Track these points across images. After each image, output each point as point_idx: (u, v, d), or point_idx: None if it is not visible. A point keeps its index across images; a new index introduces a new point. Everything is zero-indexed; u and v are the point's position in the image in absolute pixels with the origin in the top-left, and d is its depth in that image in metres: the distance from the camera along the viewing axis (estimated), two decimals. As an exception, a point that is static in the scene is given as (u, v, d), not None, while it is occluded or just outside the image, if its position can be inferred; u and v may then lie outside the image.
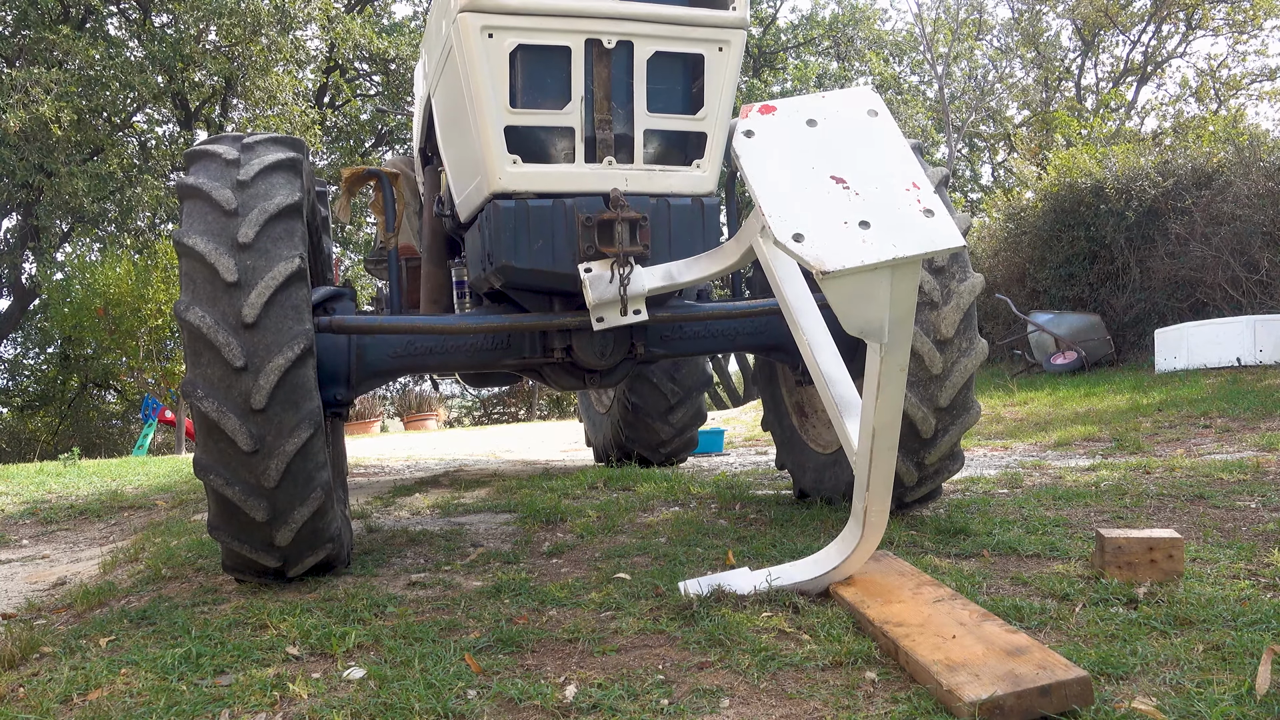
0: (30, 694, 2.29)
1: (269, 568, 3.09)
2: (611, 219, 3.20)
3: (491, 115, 3.15)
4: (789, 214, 2.18)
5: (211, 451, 2.88)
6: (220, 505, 2.94)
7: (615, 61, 3.19)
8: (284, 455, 2.86)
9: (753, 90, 25.69)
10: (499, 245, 3.25)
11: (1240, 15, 23.10)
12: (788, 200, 2.21)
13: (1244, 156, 11.74)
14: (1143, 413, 7.31)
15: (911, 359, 3.12)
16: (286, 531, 2.96)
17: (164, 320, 14.09)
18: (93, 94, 16.19)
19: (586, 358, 3.63)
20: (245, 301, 2.83)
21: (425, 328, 3.57)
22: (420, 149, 4.63)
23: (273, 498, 2.90)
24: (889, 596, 2.52)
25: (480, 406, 22.95)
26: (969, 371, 3.45)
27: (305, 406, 2.90)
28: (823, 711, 1.97)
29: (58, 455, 9.63)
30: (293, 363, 2.86)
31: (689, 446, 6.06)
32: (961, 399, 3.51)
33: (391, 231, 3.90)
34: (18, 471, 7.97)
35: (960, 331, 3.45)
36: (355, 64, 22.31)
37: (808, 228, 2.15)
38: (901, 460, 3.42)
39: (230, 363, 2.81)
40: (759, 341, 3.98)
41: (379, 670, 2.27)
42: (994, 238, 15.17)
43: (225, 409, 2.82)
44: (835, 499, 4.05)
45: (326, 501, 3.01)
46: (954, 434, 3.53)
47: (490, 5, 3.04)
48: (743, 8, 3.28)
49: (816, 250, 2.10)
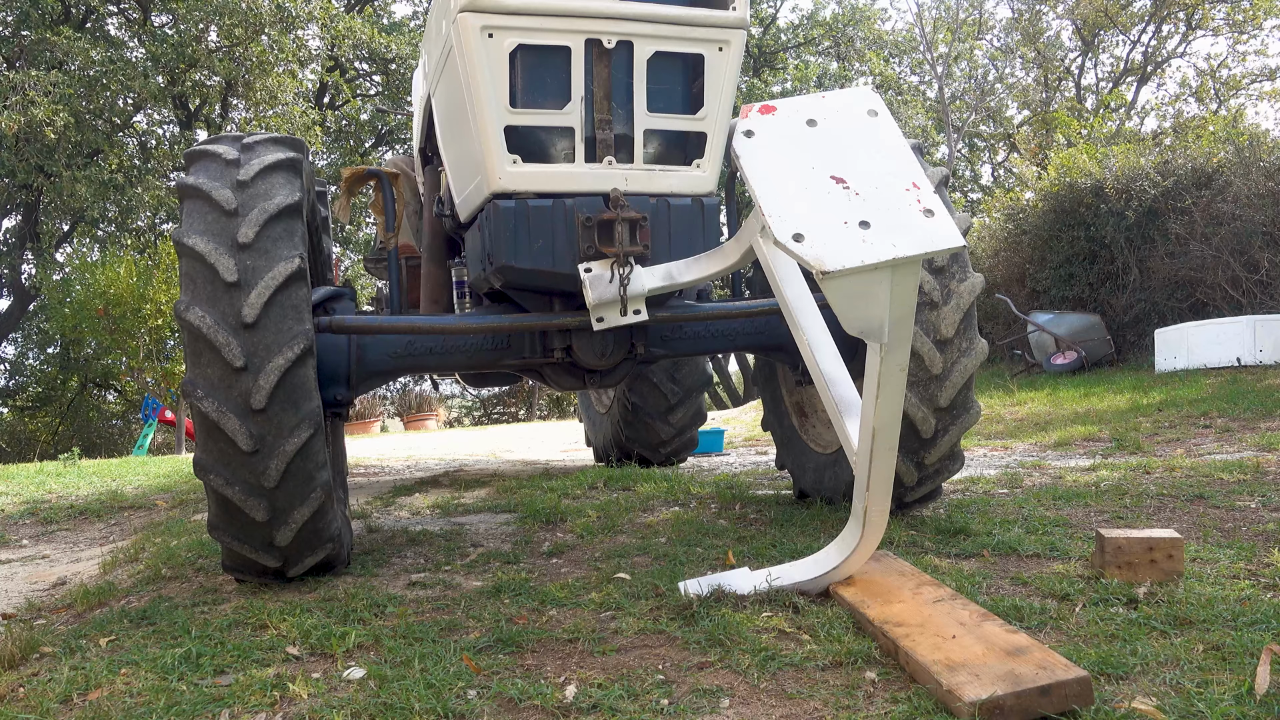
0: (30, 694, 2.29)
1: (269, 568, 3.09)
2: (611, 219, 3.20)
3: (491, 115, 3.14)
4: (789, 214, 2.18)
5: (211, 451, 2.87)
6: (220, 505, 2.94)
7: (615, 61, 3.18)
8: (284, 455, 2.85)
9: (753, 90, 25.69)
10: (499, 245, 3.24)
11: (1240, 15, 23.10)
12: (788, 200, 2.21)
13: (1244, 156, 11.74)
14: (1143, 413, 7.31)
15: (911, 359, 3.15)
16: (286, 531, 2.96)
17: (164, 320, 14.09)
18: (93, 95, 16.19)
19: (586, 358, 3.62)
20: (245, 301, 2.82)
21: (425, 328, 3.56)
22: (420, 149, 4.63)
23: (273, 498, 2.90)
24: (889, 596, 2.52)
25: (480, 406, 22.96)
26: (969, 371, 3.45)
27: (305, 407, 2.90)
28: (823, 711, 1.97)
29: (58, 455, 9.63)
30: (292, 363, 2.85)
31: (689, 446, 6.05)
32: (961, 399, 3.50)
33: (391, 231, 3.89)
34: (18, 471, 7.97)
35: (960, 331, 3.45)
36: (355, 64, 22.31)
37: (808, 228, 2.14)
38: (901, 460, 3.42)
39: (230, 363, 2.80)
40: (759, 342, 3.98)
41: (379, 670, 2.27)
42: (994, 238, 15.17)
43: (225, 409, 2.82)
44: (835, 499, 4.04)
45: (326, 502, 3.01)
46: (954, 434, 3.53)
47: (490, 5, 3.03)
48: (743, 8, 3.27)
49: (817, 250, 2.10)
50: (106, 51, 16.47)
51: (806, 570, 2.73)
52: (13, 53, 17.01)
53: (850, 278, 2.11)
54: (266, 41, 17.05)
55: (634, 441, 5.88)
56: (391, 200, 3.88)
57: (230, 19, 16.32)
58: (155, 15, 19.07)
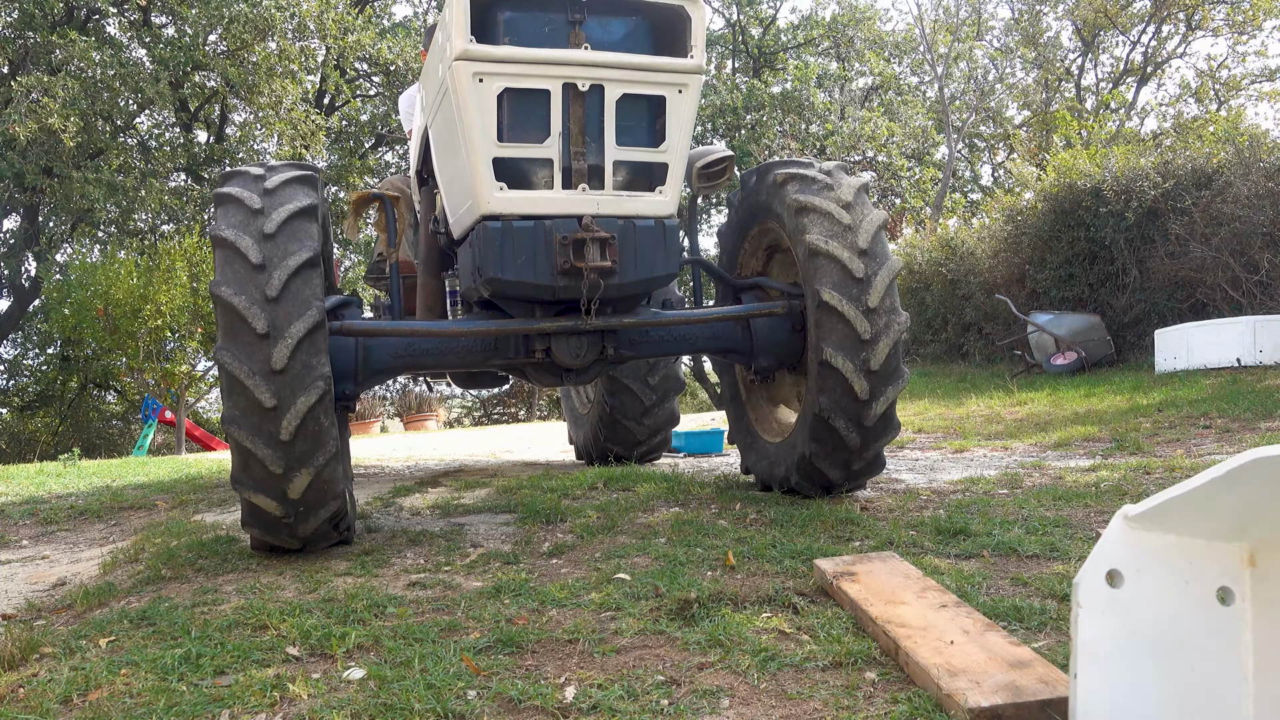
0: (30, 694, 2.29)
1: (282, 520, 3.43)
2: (584, 238, 3.65)
3: (481, 148, 3.56)
4: None
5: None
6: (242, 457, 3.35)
7: (589, 102, 3.62)
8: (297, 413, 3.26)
9: (753, 90, 25.68)
10: (487, 260, 3.68)
11: (1240, 16, 23.11)
12: None
13: (1244, 157, 11.74)
14: (1143, 413, 7.31)
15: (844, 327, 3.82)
16: (299, 482, 3.33)
17: (164, 320, 14.10)
18: (97, 97, 16.18)
19: (563, 358, 4.07)
20: (270, 279, 3.29)
21: (424, 331, 4.08)
22: (417, 171, 5.05)
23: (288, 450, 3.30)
24: (892, 597, 2.51)
25: (480, 407, 22.96)
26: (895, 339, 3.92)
27: (319, 369, 3.33)
28: (823, 711, 1.97)
29: (58, 455, 9.63)
30: (307, 332, 3.28)
31: (663, 447, 6.40)
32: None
33: (394, 247, 4.40)
34: (18, 471, 7.97)
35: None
36: (355, 64, 22.29)
37: None
38: (844, 423, 3.91)
39: (256, 330, 3.24)
40: (714, 345, 4.49)
41: (379, 670, 2.27)
42: (994, 238, 15.17)
43: (251, 371, 3.24)
44: (771, 483, 4.50)
45: (335, 458, 3.38)
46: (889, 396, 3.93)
47: (481, 54, 3.45)
48: (699, 55, 3.70)
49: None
50: (109, 54, 16.46)
51: None
52: (17, 55, 17.00)
53: None
54: (273, 47, 17.06)
55: (611, 441, 6.20)
56: (393, 220, 4.43)
57: (239, 25, 16.33)
58: (155, 16, 19.05)
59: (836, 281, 3.85)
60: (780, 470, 4.38)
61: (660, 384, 6.00)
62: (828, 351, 3.81)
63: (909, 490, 4.60)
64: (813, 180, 4.09)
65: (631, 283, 3.80)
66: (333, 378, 3.41)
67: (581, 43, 3.56)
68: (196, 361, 15.36)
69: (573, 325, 3.92)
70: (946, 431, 7.45)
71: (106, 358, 16.50)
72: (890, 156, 26.33)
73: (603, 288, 3.71)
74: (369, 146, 23.74)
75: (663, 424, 6.17)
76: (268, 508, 3.38)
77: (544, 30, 3.56)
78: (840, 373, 3.81)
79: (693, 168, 4.38)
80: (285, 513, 3.40)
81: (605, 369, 4.50)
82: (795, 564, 3.09)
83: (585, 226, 3.65)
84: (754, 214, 4.47)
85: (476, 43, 3.44)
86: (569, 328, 3.94)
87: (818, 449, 4.01)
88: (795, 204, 4.00)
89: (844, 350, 3.81)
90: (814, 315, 3.91)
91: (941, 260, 16.26)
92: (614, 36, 3.67)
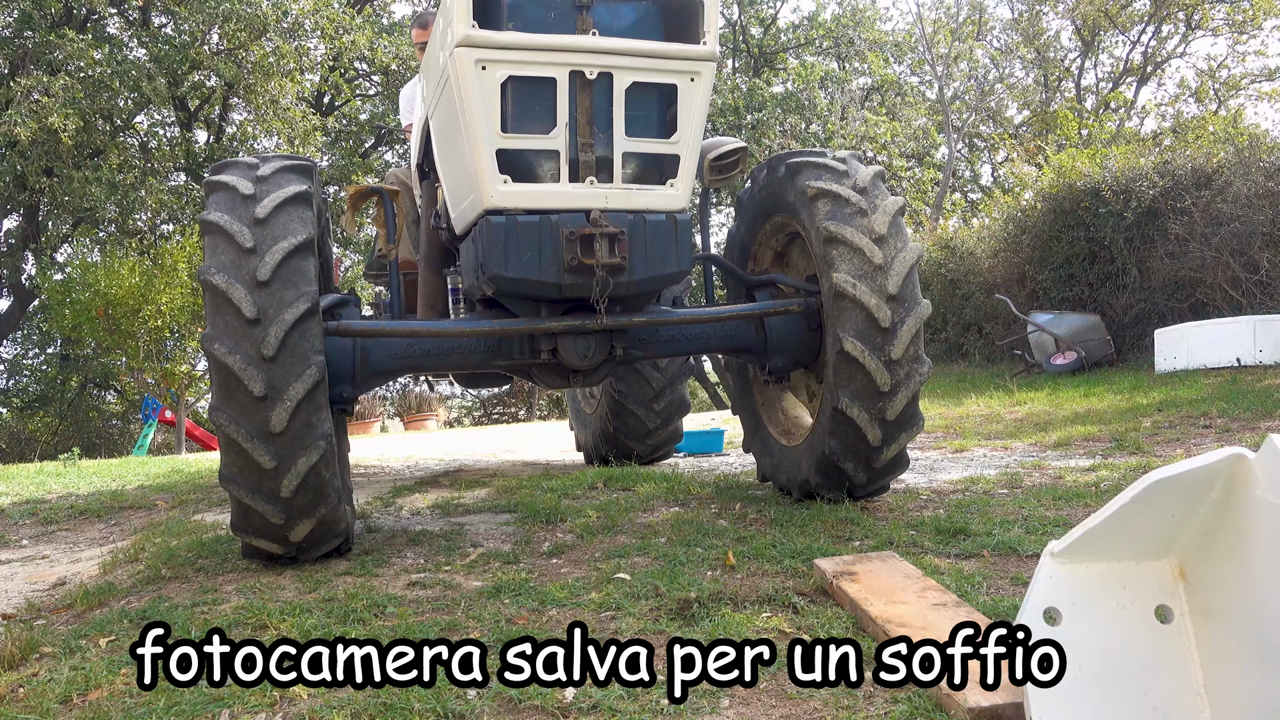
0: (30, 694, 2.29)
1: (275, 524, 3.29)
2: (592, 234, 3.49)
3: (484, 139, 3.41)
4: None
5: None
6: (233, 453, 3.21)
7: (597, 91, 3.46)
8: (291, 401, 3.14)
9: (753, 90, 25.68)
10: (490, 257, 3.52)
11: (1240, 15, 23.11)
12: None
13: (1244, 157, 11.73)
14: (1142, 413, 7.31)
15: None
16: (292, 478, 3.20)
17: (164, 320, 14.09)
18: (96, 96, 16.17)
19: (570, 359, 3.90)
20: (261, 263, 3.16)
21: (424, 331, 3.87)
22: (418, 165, 4.89)
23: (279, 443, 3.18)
24: (893, 597, 2.52)
25: (480, 407, 22.94)
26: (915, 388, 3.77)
27: (312, 357, 3.20)
28: (823, 711, 1.97)
29: (58, 455, 9.62)
30: (298, 316, 3.16)
31: (674, 439, 6.15)
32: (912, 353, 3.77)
33: (393, 243, 4.21)
34: (18, 471, 7.97)
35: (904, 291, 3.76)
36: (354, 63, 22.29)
37: None
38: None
39: (245, 315, 3.10)
40: (728, 344, 4.31)
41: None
42: (994, 238, 15.17)
43: (243, 359, 3.10)
44: (791, 488, 4.29)
45: (328, 452, 3.25)
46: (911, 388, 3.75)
47: (483, 40, 3.30)
48: (713, 42, 3.54)
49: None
50: (108, 53, 16.45)
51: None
52: (16, 55, 16.99)
53: None
54: (270, 47, 17.04)
55: (621, 431, 5.99)
56: (392, 215, 4.21)
57: (234, 24, 16.31)
58: (155, 16, 19.05)
59: (854, 269, 3.68)
60: (800, 474, 4.19)
61: (669, 367, 5.82)
62: (847, 341, 3.63)
63: (909, 490, 4.59)
64: (827, 168, 3.93)
65: (642, 280, 3.64)
66: (326, 363, 3.30)
67: (589, 28, 3.39)
68: (197, 361, 15.34)
69: (580, 325, 3.76)
70: (946, 431, 7.45)
71: (106, 357, 16.51)
72: (890, 157, 26.35)
73: (612, 285, 3.55)
74: (369, 145, 23.73)
75: (673, 410, 5.92)
76: (263, 510, 3.28)
77: (549, 15, 3.39)
78: (860, 363, 3.63)
79: (704, 160, 4.19)
80: (280, 517, 3.30)
81: (613, 370, 4.31)
82: (795, 564, 3.09)
83: (593, 221, 3.49)
84: (766, 208, 4.29)
85: (479, 28, 3.28)
86: (576, 327, 3.77)
87: (838, 446, 3.80)
88: (810, 191, 3.82)
89: (863, 339, 3.63)
90: (831, 305, 3.74)
91: (941, 260, 16.28)
92: (623, 22, 3.49)
